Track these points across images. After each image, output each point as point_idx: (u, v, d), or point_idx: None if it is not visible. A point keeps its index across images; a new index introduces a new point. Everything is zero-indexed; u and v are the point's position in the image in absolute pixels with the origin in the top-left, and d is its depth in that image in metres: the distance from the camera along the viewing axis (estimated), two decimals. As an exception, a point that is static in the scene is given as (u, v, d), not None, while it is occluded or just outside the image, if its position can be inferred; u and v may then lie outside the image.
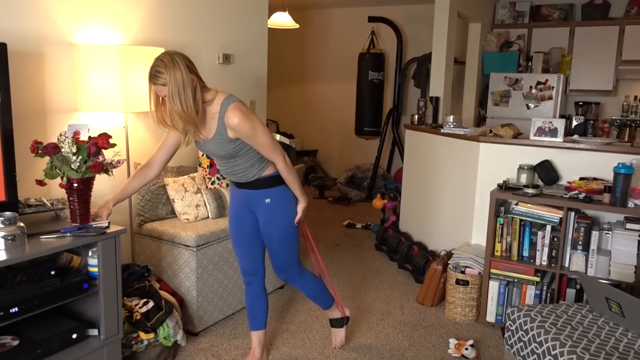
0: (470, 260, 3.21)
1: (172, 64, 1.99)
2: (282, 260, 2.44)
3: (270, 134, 2.21)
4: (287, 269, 2.47)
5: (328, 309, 2.72)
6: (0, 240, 1.84)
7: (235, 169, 2.28)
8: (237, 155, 2.22)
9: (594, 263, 2.86)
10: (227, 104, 2.11)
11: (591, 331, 2.10)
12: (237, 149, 2.20)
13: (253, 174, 2.28)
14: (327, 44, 7.66)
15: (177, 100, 1.99)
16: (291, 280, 2.53)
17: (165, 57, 2.00)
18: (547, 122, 3.22)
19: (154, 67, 2.01)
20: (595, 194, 2.88)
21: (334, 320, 2.79)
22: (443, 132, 3.83)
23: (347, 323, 2.81)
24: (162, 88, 2.00)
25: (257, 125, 2.15)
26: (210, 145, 2.20)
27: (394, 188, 5.17)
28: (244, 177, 2.30)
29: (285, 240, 2.39)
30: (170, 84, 1.98)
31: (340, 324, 2.79)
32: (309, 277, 2.58)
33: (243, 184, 2.33)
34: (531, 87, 5.53)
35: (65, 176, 2.06)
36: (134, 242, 3.04)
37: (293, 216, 2.39)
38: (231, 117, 2.09)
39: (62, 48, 2.59)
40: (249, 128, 2.12)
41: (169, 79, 1.97)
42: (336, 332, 2.81)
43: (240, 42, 3.80)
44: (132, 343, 2.40)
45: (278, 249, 2.41)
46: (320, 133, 7.88)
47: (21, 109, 2.44)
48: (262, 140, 2.17)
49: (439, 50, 4.80)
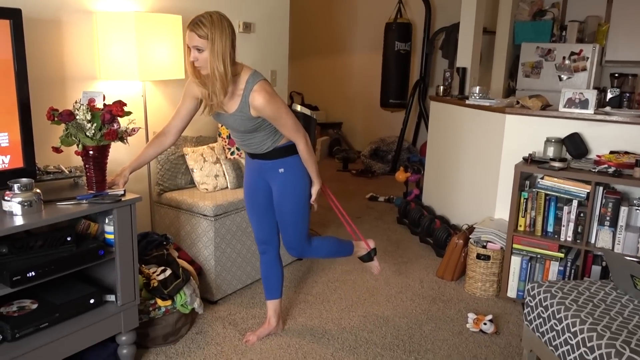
0: (492, 235, 3.14)
1: (220, 23, 1.99)
2: (293, 234, 2.42)
3: (293, 115, 2.21)
4: (297, 244, 2.45)
5: (352, 254, 2.71)
6: (17, 205, 1.87)
7: (251, 142, 2.28)
8: (255, 130, 2.22)
9: (622, 240, 2.76)
10: (253, 83, 2.10)
11: (614, 309, 2.02)
12: (257, 126, 2.20)
13: (267, 145, 2.27)
14: (353, 14, 7.49)
15: (221, 61, 2.00)
16: (305, 254, 2.52)
17: (215, 14, 2.00)
18: (578, 93, 3.08)
19: (198, 16, 1.99)
20: (625, 168, 2.76)
21: (363, 257, 2.78)
22: (468, 103, 3.72)
23: (376, 253, 2.81)
24: (197, 39, 1.98)
25: (281, 107, 2.14)
26: (230, 119, 2.19)
27: (417, 161, 5.08)
28: (259, 149, 2.29)
29: (297, 212, 2.37)
30: (216, 42, 1.98)
31: (369, 257, 2.78)
32: (319, 242, 2.55)
33: (257, 154, 2.31)
34: (564, 57, 5.31)
35: (80, 143, 2.06)
36: (154, 211, 3.06)
37: (306, 188, 2.37)
38: (256, 98, 2.09)
39: (80, 15, 2.58)
40: (273, 110, 2.12)
41: (214, 36, 1.97)
42: (369, 265, 2.83)
43: (261, 11, 3.73)
44: (150, 309, 2.44)
45: (289, 221, 2.38)
46: (345, 105, 7.78)
47: (40, 77, 2.45)
48: (286, 121, 2.17)
49: (467, 19, 4.63)
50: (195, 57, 2.02)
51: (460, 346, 2.61)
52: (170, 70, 2.76)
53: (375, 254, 2.80)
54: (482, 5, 4.68)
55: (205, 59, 2.01)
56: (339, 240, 2.67)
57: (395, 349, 2.56)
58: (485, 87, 3.89)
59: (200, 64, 2.03)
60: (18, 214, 1.87)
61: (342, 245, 2.65)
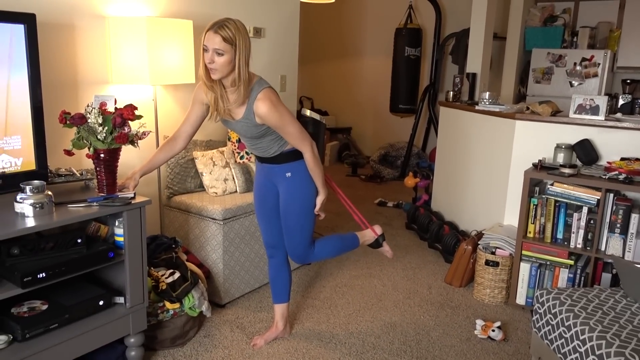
0: (501, 241, 3.13)
1: (244, 30, 2.04)
2: (297, 240, 2.39)
3: (298, 124, 2.21)
4: (302, 251, 2.43)
5: (359, 245, 2.67)
6: (29, 207, 1.89)
7: (259, 146, 2.30)
8: (263, 136, 2.24)
9: (633, 247, 2.73)
10: (258, 90, 2.12)
11: (623, 317, 2.01)
12: (263, 132, 2.22)
13: (275, 150, 2.29)
14: (363, 19, 7.51)
15: (246, 66, 2.05)
16: (309, 259, 2.50)
17: (238, 21, 2.04)
18: (589, 99, 3.07)
19: (222, 20, 2.01)
20: (636, 175, 2.73)
21: (372, 244, 2.73)
22: (478, 109, 3.71)
23: (384, 239, 2.75)
24: (221, 42, 1.99)
25: (284, 116, 2.15)
26: (237, 125, 2.22)
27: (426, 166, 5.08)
28: (267, 153, 2.30)
29: (303, 218, 2.36)
30: (240, 47, 2.02)
31: (378, 243, 2.73)
32: (321, 244, 2.52)
33: (266, 158, 2.33)
34: (575, 63, 5.28)
35: (91, 146, 2.09)
36: (163, 214, 3.09)
37: (313, 193, 2.36)
38: (260, 107, 2.11)
39: (92, 20, 2.61)
40: (277, 119, 2.13)
41: (239, 41, 2.01)
42: (381, 251, 2.78)
43: (271, 16, 3.76)
44: (158, 312, 2.45)
45: (295, 226, 2.37)
46: (354, 110, 7.79)
47: (53, 81, 2.48)
48: (290, 130, 2.19)
49: (477, 24, 4.63)
50: (212, 59, 2.02)
51: (468, 353, 2.59)
52: (181, 75, 2.78)
53: (384, 239, 2.73)
54: (493, 11, 4.68)
55: (222, 63, 2.02)
56: (341, 236, 2.62)
57: (403, 355, 2.55)
58: (495, 92, 3.88)
59: (216, 67, 2.02)
60: (30, 215, 1.89)
61: (345, 240, 2.60)
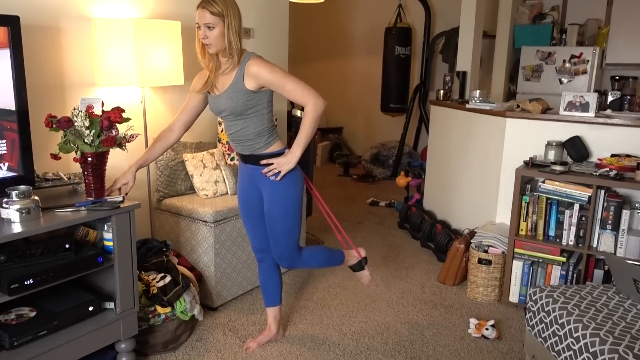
0: (493, 239, 3.13)
1: (232, 2, 2.07)
2: (283, 245, 2.35)
3: (295, 78, 2.18)
4: (288, 255, 2.39)
5: (342, 263, 2.65)
6: (15, 213, 1.86)
7: (244, 133, 2.22)
8: (247, 111, 2.17)
9: (624, 243, 2.74)
10: (248, 58, 2.15)
11: (616, 314, 2.01)
12: (249, 104, 2.16)
13: (260, 145, 2.23)
14: (353, 19, 7.51)
15: (237, 35, 2.07)
16: (295, 264, 2.46)
17: None
18: (579, 96, 3.07)
19: None
20: (627, 171, 2.74)
21: (354, 266, 2.70)
22: (469, 107, 3.71)
23: (366, 262, 2.73)
24: (209, 16, 2.02)
25: (277, 70, 2.15)
26: (222, 98, 2.18)
27: (418, 165, 5.08)
28: (251, 148, 2.24)
29: (288, 221, 2.30)
30: (229, 18, 2.04)
31: (360, 266, 2.70)
32: (309, 253, 2.50)
33: (249, 157, 2.28)
34: (564, 61, 5.30)
35: (79, 150, 2.06)
36: (153, 217, 3.05)
37: (297, 196, 2.31)
38: (252, 65, 2.12)
39: (78, 22, 2.58)
40: (270, 72, 2.13)
41: (227, 12, 2.04)
42: (360, 275, 2.74)
43: (260, 16, 3.74)
44: (149, 317, 2.42)
45: (280, 231, 2.32)
46: (345, 110, 7.78)
47: (39, 84, 2.44)
48: (287, 82, 2.15)
49: (467, 23, 4.63)
50: (205, 34, 2.06)
51: (462, 352, 2.59)
52: (170, 77, 2.75)
53: (366, 262, 2.72)
54: (482, 9, 4.68)
55: (215, 36, 2.05)
56: (330, 249, 2.61)
57: (397, 355, 2.54)
58: (485, 91, 3.89)
59: (210, 41, 2.07)
60: (16, 221, 1.86)
61: (332, 254, 2.59)
